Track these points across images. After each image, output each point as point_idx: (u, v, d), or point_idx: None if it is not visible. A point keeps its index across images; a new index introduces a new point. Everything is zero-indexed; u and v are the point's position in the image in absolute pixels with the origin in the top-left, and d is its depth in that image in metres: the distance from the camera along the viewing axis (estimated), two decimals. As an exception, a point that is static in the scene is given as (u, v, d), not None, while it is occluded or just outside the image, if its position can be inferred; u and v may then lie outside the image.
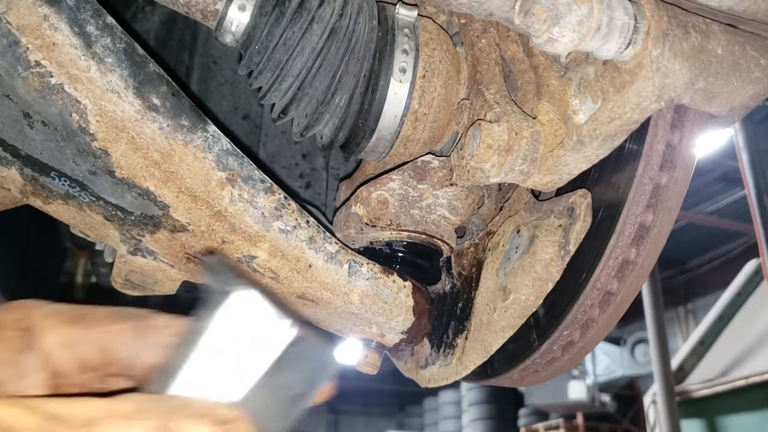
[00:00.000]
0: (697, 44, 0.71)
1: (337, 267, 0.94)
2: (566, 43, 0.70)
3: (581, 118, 0.81)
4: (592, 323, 0.91)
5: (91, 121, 0.82)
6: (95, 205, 0.87)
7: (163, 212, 0.88)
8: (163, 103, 0.85)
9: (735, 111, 0.77)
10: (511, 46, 1.00)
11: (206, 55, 1.45)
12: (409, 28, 1.03)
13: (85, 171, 0.84)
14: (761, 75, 0.74)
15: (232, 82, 1.47)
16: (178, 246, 0.91)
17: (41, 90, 0.79)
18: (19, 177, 0.85)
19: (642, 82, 0.71)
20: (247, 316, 0.44)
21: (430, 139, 1.05)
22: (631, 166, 0.86)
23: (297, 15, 0.95)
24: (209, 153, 0.88)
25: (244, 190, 0.90)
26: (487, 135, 0.86)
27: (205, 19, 0.95)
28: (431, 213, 1.03)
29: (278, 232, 0.91)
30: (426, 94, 1.01)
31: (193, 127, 0.87)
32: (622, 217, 0.85)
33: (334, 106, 1.01)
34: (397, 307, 0.98)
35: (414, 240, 1.03)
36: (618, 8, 0.70)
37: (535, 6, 0.70)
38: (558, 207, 0.90)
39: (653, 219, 0.86)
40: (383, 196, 1.01)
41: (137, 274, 0.95)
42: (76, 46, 0.80)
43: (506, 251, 0.96)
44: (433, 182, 1.02)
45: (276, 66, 0.97)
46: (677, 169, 0.86)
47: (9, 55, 0.77)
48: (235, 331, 0.44)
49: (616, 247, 0.87)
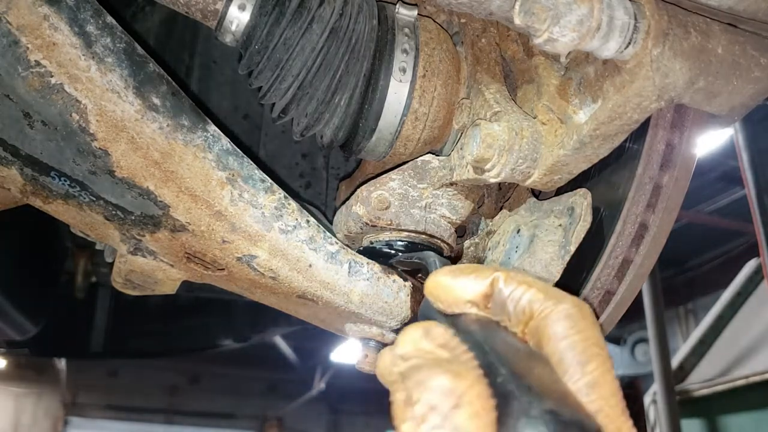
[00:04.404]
0: (697, 44, 0.71)
1: (338, 267, 0.94)
2: (566, 43, 0.70)
3: (581, 117, 0.81)
4: (592, 323, 0.90)
5: (91, 121, 0.82)
6: (95, 204, 0.87)
7: (163, 212, 0.88)
8: (163, 102, 0.85)
9: (735, 110, 0.77)
10: (511, 46, 1.00)
11: (206, 55, 1.45)
12: (409, 27, 1.03)
13: (85, 171, 0.84)
14: (761, 74, 0.74)
15: (232, 82, 1.47)
16: (179, 246, 0.91)
17: (41, 90, 0.79)
18: (19, 177, 0.85)
19: (642, 81, 0.71)
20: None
21: (430, 139, 1.05)
22: (631, 166, 0.86)
23: (297, 14, 0.95)
24: (209, 153, 0.88)
25: (245, 189, 0.90)
26: (487, 134, 0.86)
27: (205, 19, 0.95)
28: (431, 212, 1.03)
29: (278, 231, 0.91)
30: (426, 94, 1.01)
31: (193, 126, 0.87)
32: (622, 216, 0.85)
33: (334, 106, 1.01)
34: (397, 307, 0.98)
35: (414, 240, 1.03)
36: (618, 8, 0.70)
37: (535, 6, 0.70)
38: (558, 207, 0.90)
39: (653, 219, 0.86)
40: (383, 196, 1.01)
41: (137, 274, 0.95)
42: (76, 45, 0.80)
43: (506, 251, 0.96)
44: (433, 182, 1.02)
45: (276, 65, 0.97)
46: (677, 169, 0.86)
47: (9, 55, 0.77)
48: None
49: (616, 246, 0.87)
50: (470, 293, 0.50)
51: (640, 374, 8.99)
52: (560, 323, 0.44)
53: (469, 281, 0.50)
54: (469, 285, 0.50)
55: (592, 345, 0.43)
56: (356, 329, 1.02)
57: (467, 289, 0.50)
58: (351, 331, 1.04)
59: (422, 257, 0.90)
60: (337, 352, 8.79)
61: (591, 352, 0.43)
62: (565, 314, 0.44)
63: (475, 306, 0.50)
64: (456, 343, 0.45)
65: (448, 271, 0.52)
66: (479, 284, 0.49)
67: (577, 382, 0.42)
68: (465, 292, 0.50)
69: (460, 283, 0.50)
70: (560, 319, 0.44)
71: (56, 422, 6.82)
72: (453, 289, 0.51)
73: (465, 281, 0.50)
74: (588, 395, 0.42)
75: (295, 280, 0.93)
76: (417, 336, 0.45)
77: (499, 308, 0.48)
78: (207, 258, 0.92)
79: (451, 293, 0.51)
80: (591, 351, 0.43)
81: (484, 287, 0.49)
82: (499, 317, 0.49)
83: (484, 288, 0.49)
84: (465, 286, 0.50)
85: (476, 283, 0.49)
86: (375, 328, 1.01)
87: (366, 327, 1.01)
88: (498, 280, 0.49)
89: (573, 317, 0.44)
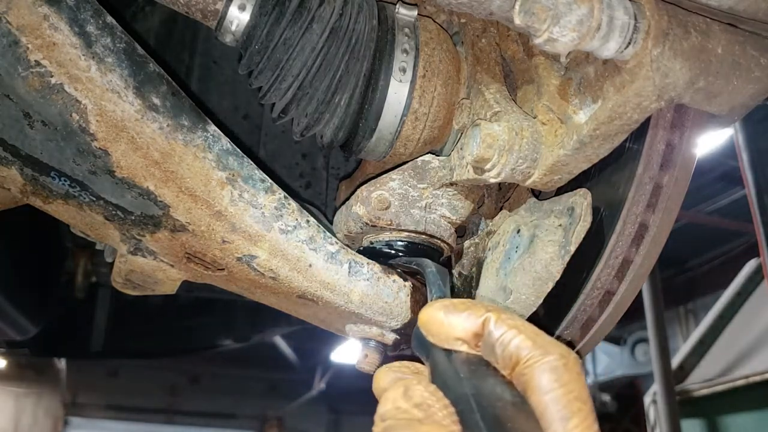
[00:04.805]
0: (697, 44, 0.71)
1: (338, 267, 0.95)
2: (566, 43, 0.70)
3: (581, 117, 0.81)
4: (592, 323, 0.91)
5: (91, 121, 0.82)
6: (95, 204, 0.87)
7: (164, 212, 0.88)
8: (163, 102, 0.85)
9: (735, 110, 0.77)
10: (512, 46, 1.00)
11: (206, 55, 1.45)
12: (409, 27, 1.03)
13: (85, 171, 0.84)
14: (761, 74, 0.74)
15: (232, 82, 1.47)
16: (179, 246, 0.91)
17: (41, 90, 0.79)
18: (19, 177, 0.85)
19: (642, 81, 0.71)
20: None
21: (430, 139, 1.05)
22: (631, 166, 0.86)
23: (297, 14, 0.95)
24: (209, 153, 0.88)
25: (245, 189, 0.90)
26: (487, 134, 0.86)
27: (205, 19, 0.95)
28: (431, 213, 1.03)
29: (278, 231, 0.91)
30: (426, 94, 1.01)
31: (193, 126, 0.87)
32: (622, 216, 0.85)
33: (334, 106, 1.01)
34: (397, 307, 0.98)
35: (414, 240, 1.03)
36: (618, 8, 0.70)
37: (535, 6, 0.70)
38: (558, 207, 0.90)
39: (653, 219, 0.86)
40: (383, 196, 1.01)
41: (137, 274, 0.95)
42: (76, 45, 0.80)
43: (506, 251, 0.96)
44: (433, 182, 1.02)
45: (276, 65, 0.97)
46: (677, 169, 0.86)
47: (9, 55, 0.78)
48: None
49: (616, 246, 0.87)
50: (461, 332, 0.51)
51: (640, 374, 8.99)
52: (545, 375, 0.45)
53: (461, 319, 0.51)
54: (460, 323, 0.51)
55: (575, 400, 0.44)
56: (356, 329, 1.02)
57: (458, 327, 0.51)
58: (351, 331, 1.04)
59: (420, 265, 0.90)
60: (337, 352, 8.79)
61: (573, 407, 0.43)
62: (550, 366, 0.45)
63: (466, 344, 0.51)
64: (435, 399, 0.46)
65: (442, 306, 0.52)
66: (470, 323, 0.50)
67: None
68: (456, 330, 0.51)
69: (452, 320, 0.51)
70: (545, 371, 0.45)
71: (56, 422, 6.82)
72: (444, 325, 0.51)
73: (457, 319, 0.51)
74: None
75: (295, 280, 0.93)
76: (397, 395, 0.46)
77: (488, 349, 0.49)
78: (207, 258, 0.92)
79: (442, 329, 0.51)
80: (573, 406, 0.43)
81: (476, 327, 0.50)
82: (489, 357, 0.49)
83: (475, 327, 0.50)
84: (456, 324, 0.51)
85: (468, 321, 0.50)
86: (375, 328, 1.01)
87: (366, 327, 1.01)
88: (489, 321, 0.49)
89: (558, 370, 0.45)
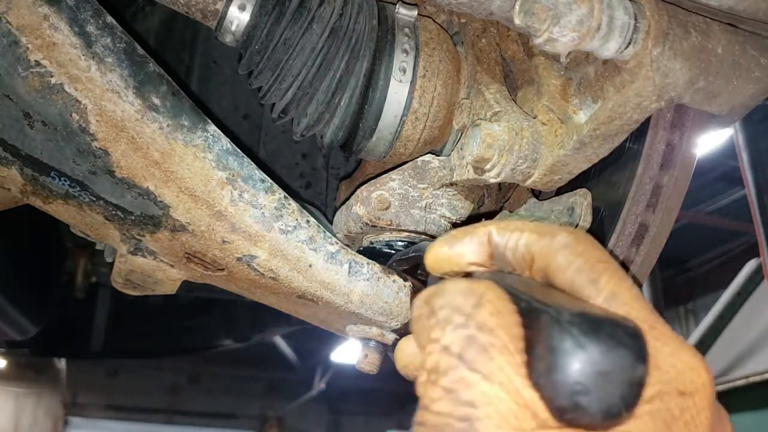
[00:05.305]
0: (697, 44, 0.71)
1: (338, 267, 0.94)
2: (566, 43, 0.70)
3: (581, 117, 0.81)
4: (592, 323, 0.90)
5: (91, 121, 0.82)
6: (95, 204, 0.87)
7: (163, 212, 0.88)
8: (163, 102, 0.85)
9: (735, 110, 0.77)
10: (512, 46, 1.00)
11: (206, 55, 1.45)
12: (409, 27, 1.03)
13: (85, 171, 0.84)
14: (761, 74, 0.74)
15: (232, 82, 1.47)
16: (179, 246, 0.91)
17: (41, 90, 0.79)
18: (19, 177, 0.85)
19: (642, 81, 0.71)
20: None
21: (430, 139, 1.05)
22: (631, 166, 0.86)
23: (297, 14, 0.95)
24: (209, 153, 0.88)
25: (245, 189, 0.90)
26: (488, 135, 0.86)
27: (205, 19, 0.95)
28: (431, 213, 1.03)
29: (278, 232, 0.91)
30: (426, 94, 1.01)
31: (193, 126, 0.87)
32: (622, 216, 0.85)
33: (334, 106, 1.01)
34: (397, 307, 0.98)
35: (414, 240, 1.03)
36: (618, 8, 0.70)
37: (535, 6, 0.70)
38: (558, 207, 0.90)
39: (653, 219, 0.86)
40: (383, 196, 1.01)
41: (137, 274, 0.95)
42: (76, 45, 0.80)
43: (506, 251, 0.95)
44: (433, 182, 1.02)
45: (276, 65, 0.97)
46: (677, 169, 0.87)
47: (9, 55, 0.77)
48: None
49: (616, 246, 0.87)
50: (470, 255, 0.50)
51: (640, 374, 8.98)
52: (560, 254, 0.44)
53: (465, 245, 0.50)
54: (466, 248, 0.50)
55: (597, 262, 0.43)
56: (356, 329, 1.02)
57: (466, 252, 0.50)
58: (351, 332, 1.04)
59: (420, 248, 0.90)
60: (337, 352, 8.79)
61: (598, 268, 0.42)
62: (561, 245, 0.44)
63: (480, 266, 0.50)
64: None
65: (443, 242, 0.51)
66: (476, 244, 0.49)
67: (596, 300, 0.41)
68: (465, 256, 0.50)
69: (458, 249, 0.50)
70: (558, 251, 0.44)
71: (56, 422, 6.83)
72: (453, 256, 0.50)
73: (461, 246, 0.50)
74: (611, 307, 0.41)
75: (295, 280, 0.93)
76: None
77: (502, 260, 0.48)
78: (207, 258, 0.92)
79: (452, 261, 0.51)
80: (598, 267, 0.42)
81: (482, 245, 0.49)
82: (506, 268, 0.48)
83: (481, 246, 0.49)
84: (463, 250, 0.50)
85: (472, 243, 0.49)
86: (375, 328, 1.01)
87: (366, 327, 1.01)
88: (492, 234, 0.48)
89: (570, 245, 0.44)
